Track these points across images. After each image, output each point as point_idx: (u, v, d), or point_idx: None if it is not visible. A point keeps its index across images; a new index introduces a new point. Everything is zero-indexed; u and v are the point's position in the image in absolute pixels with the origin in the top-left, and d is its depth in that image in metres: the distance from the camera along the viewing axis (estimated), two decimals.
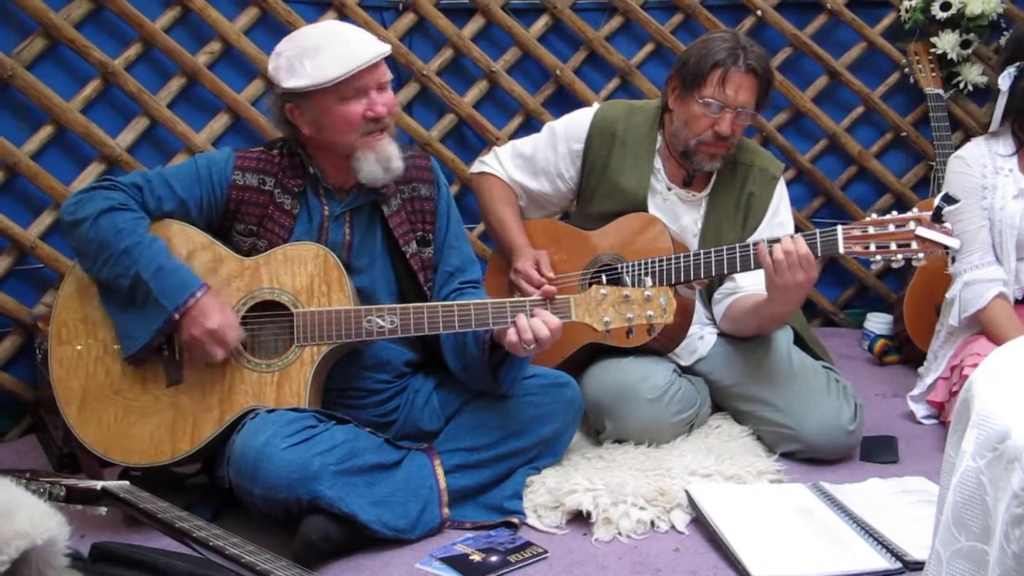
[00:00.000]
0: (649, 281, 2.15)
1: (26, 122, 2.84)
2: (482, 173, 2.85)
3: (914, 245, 2.21)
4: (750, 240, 2.50)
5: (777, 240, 2.32)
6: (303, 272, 2.20)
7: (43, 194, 2.83)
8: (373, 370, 2.32)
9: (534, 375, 2.31)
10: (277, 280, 2.20)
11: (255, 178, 2.25)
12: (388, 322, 2.16)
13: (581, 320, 2.14)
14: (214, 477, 2.18)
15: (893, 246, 2.22)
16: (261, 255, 2.22)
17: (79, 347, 2.18)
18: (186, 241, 2.20)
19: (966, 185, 2.68)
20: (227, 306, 2.15)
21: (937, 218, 2.19)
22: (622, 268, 2.57)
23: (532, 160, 2.79)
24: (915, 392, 2.86)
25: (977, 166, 2.70)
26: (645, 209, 2.65)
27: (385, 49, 2.20)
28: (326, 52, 2.15)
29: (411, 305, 2.18)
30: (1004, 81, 2.69)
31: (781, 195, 2.69)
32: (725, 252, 2.41)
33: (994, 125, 2.75)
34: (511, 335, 2.10)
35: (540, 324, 2.08)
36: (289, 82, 2.16)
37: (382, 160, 2.21)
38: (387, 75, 2.23)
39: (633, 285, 2.49)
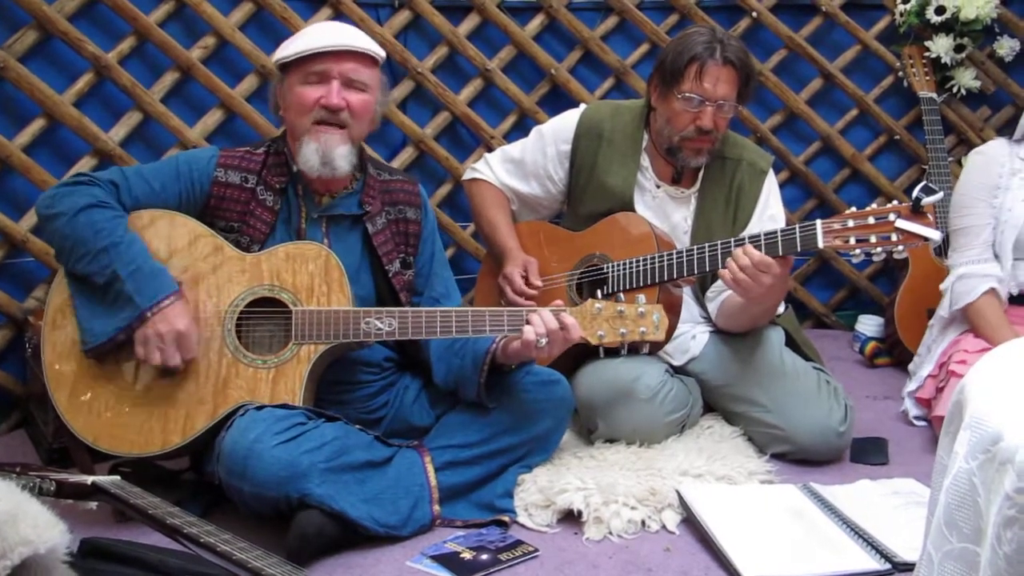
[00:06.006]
0: (643, 298, 2.18)
1: (18, 115, 2.83)
2: (474, 179, 2.86)
3: (894, 237, 2.18)
4: (743, 235, 2.49)
5: (730, 247, 2.32)
6: (304, 271, 2.20)
7: (35, 188, 2.81)
8: (356, 363, 2.32)
9: (526, 373, 2.30)
10: (278, 277, 2.20)
11: (237, 176, 2.27)
12: (387, 325, 2.17)
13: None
14: (202, 473, 2.18)
15: (873, 239, 2.20)
16: (263, 251, 2.22)
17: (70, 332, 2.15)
18: (187, 233, 2.20)
19: (980, 181, 2.71)
20: (198, 317, 2.14)
21: (917, 209, 2.18)
22: (608, 268, 2.57)
23: (521, 164, 2.79)
24: (910, 388, 2.87)
25: (995, 165, 2.71)
26: (632, 208, 2.65)
27: (358, 44, 2.22)
28: (306, 35, 2.28)
29: (410, 309, 2.19)
30: None
31: (770, 188, 2.69)
32: (707, 249, 2.41)
33: (1018, 133, 2.75)
34: (527, 332, 2.11)
35: (549, 317, 2.13)
36: (273, 56, 2.29)
37: (321, 152, 2.21)
38: (361, 74, 2.22)
39: (619, 287, 2.51)
